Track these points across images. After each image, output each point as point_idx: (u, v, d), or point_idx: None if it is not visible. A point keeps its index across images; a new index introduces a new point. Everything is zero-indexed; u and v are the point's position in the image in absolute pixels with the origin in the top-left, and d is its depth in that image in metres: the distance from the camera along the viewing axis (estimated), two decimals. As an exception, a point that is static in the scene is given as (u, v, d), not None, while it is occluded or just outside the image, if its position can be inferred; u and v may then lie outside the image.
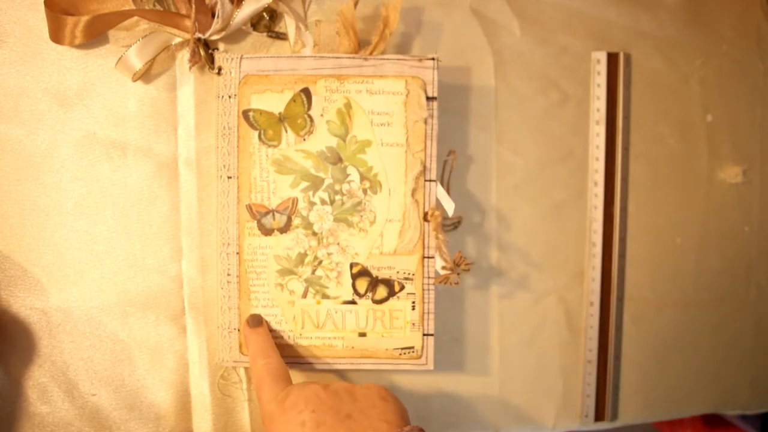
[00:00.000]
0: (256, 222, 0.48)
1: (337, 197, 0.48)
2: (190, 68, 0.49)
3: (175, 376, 0.52)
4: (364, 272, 0.49)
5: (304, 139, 0.48)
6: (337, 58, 0.48)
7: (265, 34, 0.51)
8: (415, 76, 0.48)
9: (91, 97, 0.50)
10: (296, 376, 0.53)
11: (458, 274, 0.49)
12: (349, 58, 0.48)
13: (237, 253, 0.48)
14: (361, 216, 0.48)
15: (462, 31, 0.55)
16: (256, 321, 0.48)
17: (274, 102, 0.48)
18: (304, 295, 0.49)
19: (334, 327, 0.49)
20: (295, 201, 0.48)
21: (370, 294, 0.49)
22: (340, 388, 0.42)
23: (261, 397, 0.43)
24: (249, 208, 0.48)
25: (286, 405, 0.41)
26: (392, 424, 0.40)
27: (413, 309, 0.49)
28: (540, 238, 0.58)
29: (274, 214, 0.48)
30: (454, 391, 0.56)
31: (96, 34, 0.49)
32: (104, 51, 0.50)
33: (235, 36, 0.51)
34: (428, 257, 0.49)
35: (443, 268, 0.49)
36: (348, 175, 0.48)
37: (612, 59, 0.58)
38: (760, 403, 0.64)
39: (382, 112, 0.48)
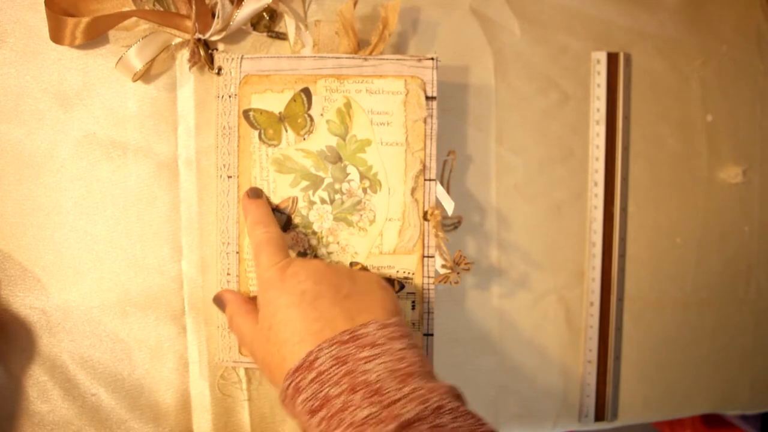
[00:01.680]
0: (256, 222, 0.48)
1: (337, 196, 0.48)
2: (190, 68, 0.49)
3: (175, 375, 0.52)
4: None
5: (304, 139, 0.48)
6: (337, 58, 0.48)
7: (265, 34, 0.52)
8: (414, 75, 0.48)
9: (91, 97, 0.50)
10: (296, 376, 0.53)
11: (458, 273, 0.49)
12: (349, 58, 0.48)
13: (237, 253, 0.48)
14: (361, 215, 0.48)
15: (462, 30, 0.56)
16: (256, 193, 0.47)
17: (275, 102, 0.48)
18: (304, 295, 0.49)
19: (334, 327, 0.49)
20: (295, 200, 0.48)
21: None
22: (341, 268, 0.42)
23: (259, 263, 0.42)
24: (249, 207, 0.48)
25: (287, 273, 0.40)
26: (388, 312, 0.39)
27: (413, 308, 0.49)
28: (540, 238, 0.58)
29: (274, 213, 0.48)
30: (454, 391, 0.56)
31: (96, 35, 0.49)
32: (104, 51, 0.50)
33: (235, 36, 0.51)
34: (428, 256, 0.49)
35: (443, 266, 0.49)
36: (348, 175, 0.48)
37: (612, 59, 0.58)
38: (760, 403, 0.64)
39: (382, 112, 0.48)
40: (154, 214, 0.51)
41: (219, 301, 0.47)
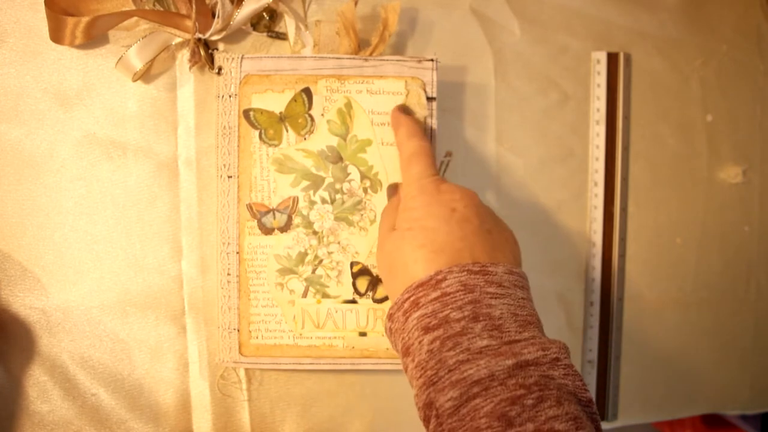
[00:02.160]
0: (256, 221, 0.48)
1: (338, 196, 0.48)
2: (190, 68, 0.49)
3: (175, 375, 0.52)
4: (364, 271, 0.49)
5: (305, 139, 0.48)
6: (337, 58, 0.48)
7: (265, 34, 0.52)
8: (414, 76, 0.48)
9: (91, 97, 0.50)
10: (297, 377, 0.53)
11: None
12: (350, 58, 0.48)
13: (237, 253, 0.48)
14: (362, 215, 0.48)
15: (462, 30, 0.56)
16: (407, 109, 0.48)
17: (275, 102, 0.48)
18: (305, 295, 0.49)
19: (335, 326, 0.49)
20: (295, 200, 0.48)
21: (370, 293, 0.49)
22: (488, 207, 0.42)
23: (411, 171, 0.42)
24: (249, 207, 0.48)
25: (442, 187, 0.40)
26: (516, 262, 0.40)
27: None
28: (540, 238, 0.58)
29: (274, 213, 0.48)
30: (455, 391, 0.56)
31: (96, 35, 0.49)
32: (104, 51, 0.50)
33: (235, 36, 0.51)
34: None
35: None
36: (348, 174, 0.48)
37: (612, 59, 0.58)
38: (760, 403, 0.64)
39: (383, 112, 0.48)
40: (154, 214, 0.51)
41: (392, 189, 0.47)
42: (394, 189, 0.47)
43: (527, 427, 0.30)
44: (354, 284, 0.49)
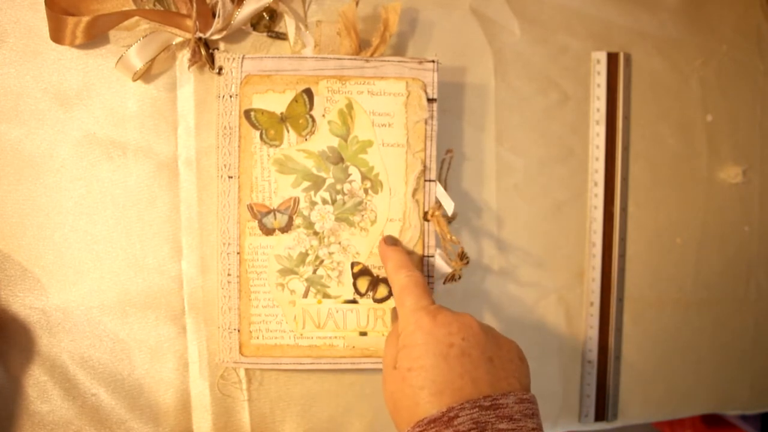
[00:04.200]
0: (257, 222, 0.48)
1: (339, 197, 0.48)
2: (189, 68, 0.49)
3: (175, 375, 0.52)
4: (365, 271, 0.49)
5: (306, 139, 0.48)
6: (338, 59, 0.48)
7: (265, 34, 0.51)
8: (415, 78, 0.48)
9: (91, 97, 0.50)
10: (297, 377, 0.53)
11: (460, 268, 0.49)
12: (351, 59, 0.48)
13: (237, 253, 0.48)
14: (362, 215, 0.48)
15: (462, 31, 0.56)
16: (393, 240, 0.48)
17: (276, 102, 0.48)
18: (305, 295, 0.49)
19: (335, 326, 0.49)
20: (296, 200, 0.48)
21: (371, 293, 0.49)
22: (488, 330, 0.41)
23: (404, 304, 0.42)
24: (250, 207, 0.48)
25: (438, 320, 0.39)
26: (524, 386, 0.39)
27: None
28: (540, 238, 0.58)
29: (275, 214, 0.48)
30: (455, 391, 0.56)
31: (96, 35, 0.49)
32: (104, 51, 0.50)
33: (235, 36, 0.51)
34: (428, 256, 0.49)
35: (447, 263, 0.49)
36: (349, 175, 0.48)
37: (612, 59, 0.58)
38: (760, 403, 0.64)
39: (383, 113, 0.48)
40: (154, 214, 0.51)
41: (394, 314, 0.47)
42: (395, 314, 0.47)
43: None
44: (355, 284, 0.49)
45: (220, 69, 0.48)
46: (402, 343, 0.40)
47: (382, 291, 0.49)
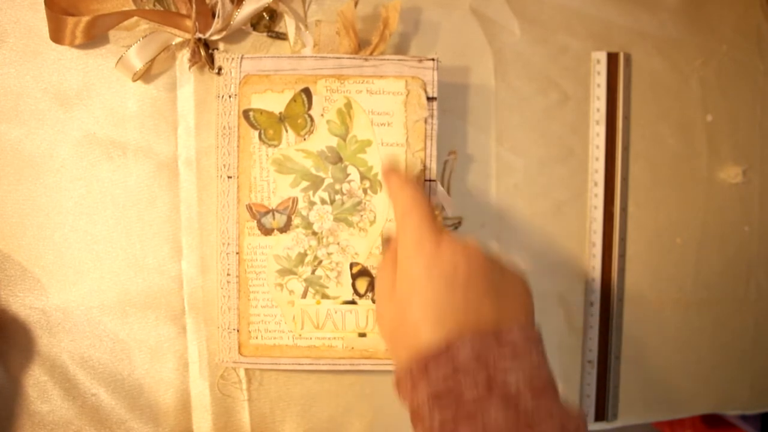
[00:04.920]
0: (256, 222, 0.48)
1: (337, 197, 0.48)
2: (190, 68, 0.49)
3: (175, 375, 0.52)
4: (364, 272, 0.49)
5: (305, 139, 0.48)
6: (337, 58, 0.48)
7: (265, 34, 0.52)
8: (415, 76, 0.48)
9: (91, 97, 0.50)
10: (297, 377, 0.53)
11: None
12: (350, 58, 0.48)
13: (237, 253, 0.48)
14: (361, 216, 0.48)
15: (462, 31, 0.55)
16: (397, 163, 0.46)
17: (275, 102, 0.48)
18: (304, 295, 0.49)
19: (334, 327, 0.49)
20: (295, 200, 0.48)
21: (370, 294, 0.49)
22: (494, 258, 0.38)
23: (406, 226, 0.38)
24: (249, 207, 0.48)
25: (442, 244, 0.37)
26: (529, 318, 0.37)
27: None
28: (540, 238, 0.58)
29: (274, 214, 0.48)
30: (454, 391, 0.56)
31: (96, 35, 0.49)
32: (104, 51, 0.50)
33: (235, 36, 0.51)
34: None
35: None
36: (348, 175, 0.48)
37: (612, 59, 0.58)
38: (760, 403, 0.63)
39: (383, 112, 0.48)
40: (154, 214, 0.51)
41: (386, 240, 0.45)
42: (388, 242, 0.46)
43: None
44: (353, 285, 0.49)
45: (220, 69, 0.48)
46: (401, 267, 0.38)
47: (381, 291, 0.49)
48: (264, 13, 0.50)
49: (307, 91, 0.48)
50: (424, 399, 0.33)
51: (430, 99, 0.48)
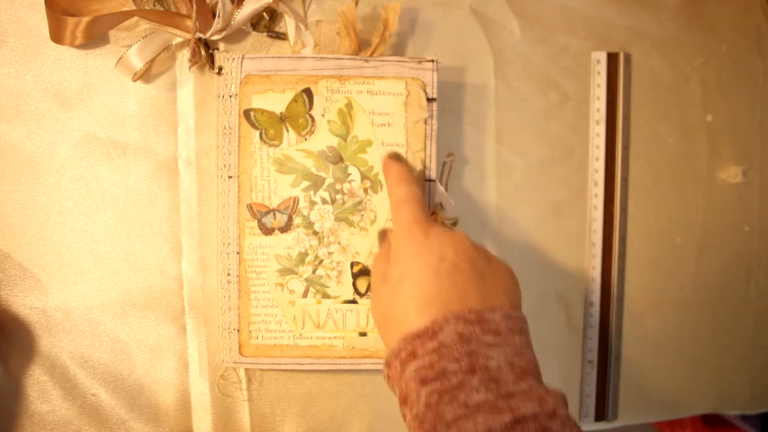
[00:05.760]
0: (256, 221, 0.48)
1: (338, 196, 0.48)
2: (190, 68, 0.49)
3: (175, 375, 0.52)
4: (364, 271, 0.49)
5: (306, 139, 0.48)
6: (338, 59, 0.48)
7: (265, 34, 0.52)
8: (415, 77, 0.48)
9: (91, 97, 0.50)
10: (297, 377, 0.53)
11: None
12: (350, 59, 0.48)
13: (237, 253, 0.48)
14: (362, 215, 0.48)
15: (462, 31, 0.56)
16: (397, 156, 0.47)
17: (276, 102, 0.48)
18: (305, 295, 0.49)
19: (335, 327, 0.49)
20: (296, 200, 0.48)
21: (370, 293, 0.49)
22: (480, 247, 0.41)
23: (399, 217, 0.42)
24: (249, 207, 0.48)
25: (430, 233, 0.39)
26: (513, 303, 0.39)
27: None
28: (540, 238, 0.58)
29: (274, 214, 0.48)
30: (455, 391, 0.56)
31: (96, 35, 0.49)
32: (104, 51, 0.50)
33: (235, 36, 0.51)
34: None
35: None
36: (349, 175, 0.48)
37: (612, 59, 0.58)
38: (760, 403, 0.64)
39: (383, 113, 0.48)
40: (154, 214, 0.51)
41: (381, 234, 0.47)
42: (384, 235, 0.47)
43: None
44: (354, 284, 0.49)
45: (220, 69, 0.48)
46: (393, 254, 0.40)
47: (381, 291, 0.49)
48: (264, 13, 0.50)
49: (308, 92, 0.48)
50: (412, 375, 0.35)
51: (429, 100, 0.48)
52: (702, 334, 0.61)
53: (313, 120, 0.48)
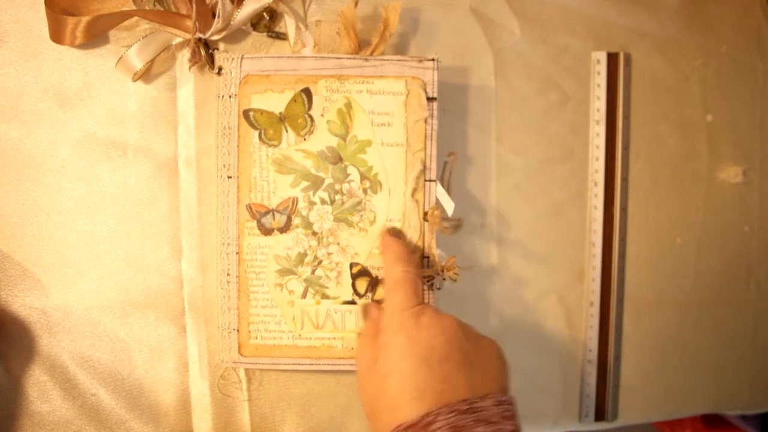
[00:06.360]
0: (255, 222, 0.48)
1: (337, 197, 0.48)
2: (190, 68, 0.49)
3: (175, 375, 0.52)
4: (363, 272, 0.49)
5: (305, 139, 0.48)
6: (337, 58, 0.48)
7: (265, 34, 0.52)
8: (415, 76, 0.48)
9: (91, 97, 0.50)
10: (297, 377, 0.53)
11: (444, 279, 0.48)
12: (350, 58, 0.48)
13: (237, 253, 0.48)
14: (361, 216, 0.48)
15: (462, 31, 0.55)
16: (397, 233, 0.48)
17: (275, 102, 0.48)
18: (304, 295, 0.49)
19: (334, 327, 0.49)
20: (295, 200, 0.48)
21: (369, 294, 0.49)
22: (469, 331, 0.42)
23: (392, 302, 0.42)
24: (249, 207, 0.48)
25: (421, 322, 0.40)
26: (502, 387, 0.40)
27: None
28: (540, 238, 0.58)
29: (274, 214, 0.48)
30: (454, 391, 0.56)
31: (96, 35, 0.49)
32: (104, 51, 0.50)
33: (235, 36, 0.51)
34: (428, 257, 0.49)
35: (425, 271, 0.49)
36: (348, 175, 0.48)
37: (612, 59, 0.58)
38: (760, 403, 0.64)
39: (383, 112, 0.48)
40: (154, 214, 0.51)
41: (366, 310, 0.48)
42: (367, 309, 0.48)
43: None
44: (353, 285, 0.49)
45: (220, 69, 0.48)
46: (384, 341, 0.41)
47: (381, 292, 0.49)
48: (264, 13, 0.50)
49: (307, 91, 0.48)
50: None
51: (430, 99, 0.48)
52: (702, 334, 0.61)
53: (312, 120, 0.48)
